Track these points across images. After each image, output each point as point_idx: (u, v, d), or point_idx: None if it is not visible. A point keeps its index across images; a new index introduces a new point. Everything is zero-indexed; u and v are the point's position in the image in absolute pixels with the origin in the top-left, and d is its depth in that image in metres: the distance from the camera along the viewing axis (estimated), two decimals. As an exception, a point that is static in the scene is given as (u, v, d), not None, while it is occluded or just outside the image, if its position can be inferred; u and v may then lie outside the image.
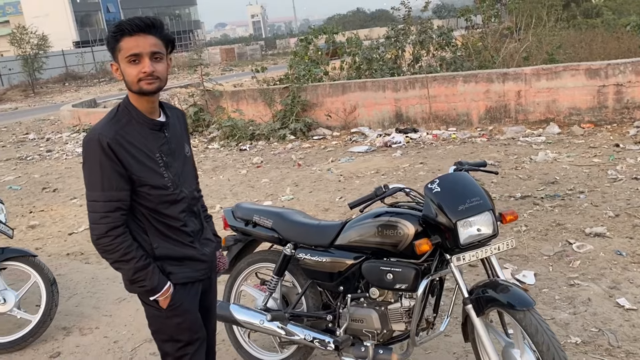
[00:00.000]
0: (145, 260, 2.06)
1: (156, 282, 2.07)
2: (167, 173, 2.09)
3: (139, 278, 2.05)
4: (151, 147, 2.06)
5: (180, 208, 2.14)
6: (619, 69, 7.88)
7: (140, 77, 1.97)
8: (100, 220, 2.00)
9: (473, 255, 2.38)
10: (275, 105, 10.59)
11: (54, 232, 6.38)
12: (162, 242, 2.13)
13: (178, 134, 2.21)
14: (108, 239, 2.00)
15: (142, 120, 2.06)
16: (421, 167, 7.14)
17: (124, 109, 2.06)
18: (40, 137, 14.18)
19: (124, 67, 1.98)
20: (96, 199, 2.00)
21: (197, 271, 2.23)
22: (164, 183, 2.08)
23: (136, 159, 2.01)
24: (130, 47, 1.96)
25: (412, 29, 11.82)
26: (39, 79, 35.19)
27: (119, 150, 1.97)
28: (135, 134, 2.03)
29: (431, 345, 3.21)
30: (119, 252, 2.01)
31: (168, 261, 2.15)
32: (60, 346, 3.79)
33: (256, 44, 59.35)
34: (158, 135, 2.10)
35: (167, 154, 2.11)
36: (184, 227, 2.17)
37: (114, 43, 1.98)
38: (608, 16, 17.31)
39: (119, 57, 1.98)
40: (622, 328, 3.21)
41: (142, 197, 2.06)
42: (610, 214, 4.85)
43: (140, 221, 2.11)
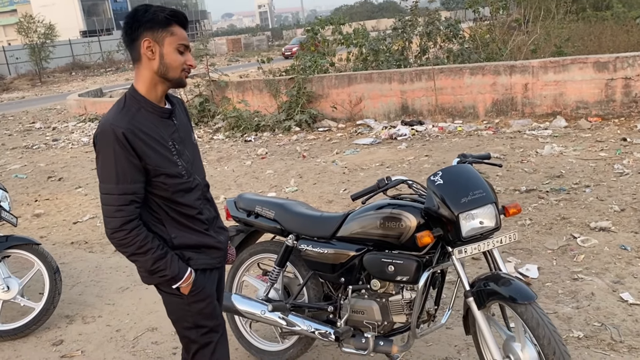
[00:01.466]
0: (162, 249, 2.03)
1: (177, 270, 2.05)
2: (180, 161, 2.06)
3: (159, 268, 2.02)
4: (163, 135, 2.03)
5: (195, 196, 2.12)
6: (628, 62, 7.79)
7: (184, 68, 2.00)
8: (114, 213, 1.95)
9: (475, 248, 2.36)
10: (280, 96, 10.56)
11: (59, 221, 6.41)
12: (179, 231, 2.10)
13: (184, 122, 2.19)
14: (123, 232, 1.96)
15: (151, 109, 2.02)
16: (426, 160, 7.11)
17: (131, 98, 2.01)
18: (47, 126, 14.23)
19: (171, 52, 1.97)
20: (110, 191, 1.95)
21: (214, 258, 2.22)
22: (179, 171, 2.05)
23: (151, 147, 1.97)
24: (183, 37, 1.99)
25: (419, 21, 11.74)
26: (45, 68, 35.31)
27: (133, 140, 1.92)
28: (146, 123, 1.99)
29: (432, 338, 3.21)
30: (134, 245, 1.98)
31: (186, 249, 2.13)
32: (63, 334, 3.82)
33: (263, 35, 59.21)
34: (168, 123, 2.07)
35: (178, 142, 2.08)
36: (200, 215, 2.15)
37: (164, 24, 1.95)
38: (618, 9, 17.10)
39: (166, 40, 1.96)
40: (625, 323, 3.19)
41: (157, 187, 2.02)
42: (616, 209, 4.81)
43: (156, 212, 2.08)
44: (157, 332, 3.68)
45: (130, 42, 1.98)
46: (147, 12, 1.96)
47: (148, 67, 1.98)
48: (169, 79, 2.00)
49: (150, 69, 1.98)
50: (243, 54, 44.01)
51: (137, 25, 1.95)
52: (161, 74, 1.98)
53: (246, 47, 51.22)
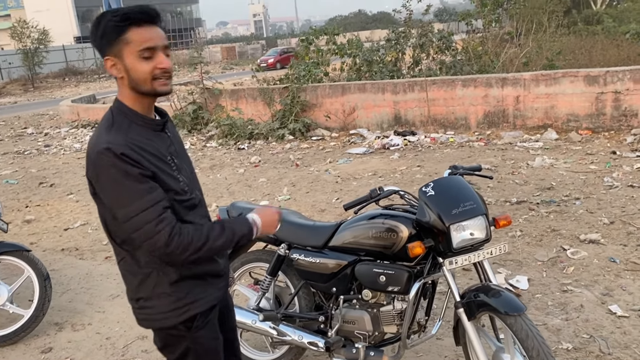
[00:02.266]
0: (216, 227, 1.81)
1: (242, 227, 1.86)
2: (181, 176, 1.85)
3: (227, 240, 1.81)
4: (161, 150, 1.81)
5: (200, 213, 1.91)
6: (618, 77, 7.89)
7: (155, 75, 1.71)
8: (156, 228, 1.69)
9: (465, 259, 2.38)
10: (274, 104, 10.59)
11: (50, 227, 6.37)
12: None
13: (176, 135, 1.99)
14: (176, 239, 1.71)
15: (142, 122, 1.79)
16: (418, 170, 7.15)
17: (119, 113, 1.78)
18: (39, 132, 14.17)
19: (134, 62, 1.69)
20: (140, 209, 1.68)
21: (218, 290, 1.98)
22: (181, 187, 1.83)
23: (151, 163, 1.74)
24: (143, 40, 1.68)
25: (412, 32, 11.84)
26: (38, 73, 35.18)
27: (135, 157, 1.69)
28: (141, 139, 1.75)
29: (422, 349, 3.22)
30: (193, 244, 1.73)
31: (192, 281, 1.86)
32: (52, 341, 3.79)
33: (257, 43, 59.33)
34: (162, 137, 1.85)
35: (176, 156, 1.87)
36: None
37: (117, 34, 1.68)
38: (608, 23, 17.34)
39: (124, 51, 1.69)
40: (613, 335, 3.22)
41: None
42: (605, 221, 4.86)
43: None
44: (148, 340, 3.66)
45: (103, 58, 1.77)
46: (99, 24, 1.71)
47: (122, 84, 1.76)
48: (143, 91, 1.75)
49: (125, 85, 1.76)
50: (237, 62, 44.07)
51: (97, 44, 1.73)
52: (135, 90, 1.75)
53: (240, 55, 51.35)
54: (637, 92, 7.79)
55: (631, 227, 4.68)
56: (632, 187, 5.67)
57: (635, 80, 7.78)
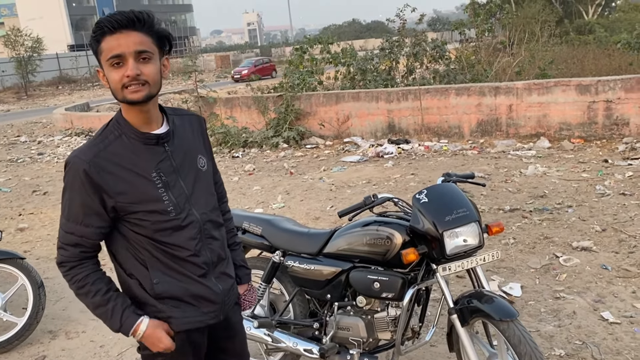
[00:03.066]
0: (104, 295, 1.76)
1: (118, 323, 1.77)
2: (167, 195, 1.76)
3: (100, 315, 1.79)
4: (145, 166, 1.74)
5: (188, 235, 1.80)
6: (609, 86, 7.98)
7: (124, 83, 1.65)
8: (59, 248, 1.79)
9: (459, 265, 2.40)
10: (268, 113, 10.63)
11: (43, 235, 6.35)
12: (164, 276, 1.79)
13: (188, 146, 1.87)
14: (63, 269, 1.78)
15: (133, 135, 1.74)
16: (412, 178, 7.19)
17: (114, 123, 1.77)
18: (32, 140, 14.13)
19: (108, 72, 1.67)
20: (61, 225, 1.78)
21: (204, 314, 1.86)
22: (163, 207, 1.75)
23: (124, 180, 1.71)
24: (111, 48, 1.64)
25: (406, 41, 11.92)
26: (32, 81, 35.14)
27: (97, 175, 1.68)
28: (123, 152, 1.72)
29: (416, 355, 3.23)
30: (75, 284, 1.77)
31: (170, 301, 1.81)
32: (45, 349, 3.78)
33: (251, 52, 59.51)
34: (155, 151, 1.77)
35: (167, 172, 1.77)
36: (194, 258, 1.82)
37: (95, 45, 1.68)
38: (600, 33, 17.55)
39: (101, 60, 1.68)
40: (605, 341, 3.24)
41: (135, 224, 1.75)
42: (597, 229, 4.90)
43: (138, 251, 1.79)
44: (142, 348, 3.65)
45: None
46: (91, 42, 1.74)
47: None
48: (121, 101, 1.72)
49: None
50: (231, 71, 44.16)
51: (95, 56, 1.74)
52: (116, 99, 1.72)
53: (235, 64, 51.39)
54: (629, 101, 7.88)
55: (623, 235, 4.72)
56: (623, 195, 5.72)
57: (626, 89, 7.87)
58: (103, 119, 14.18)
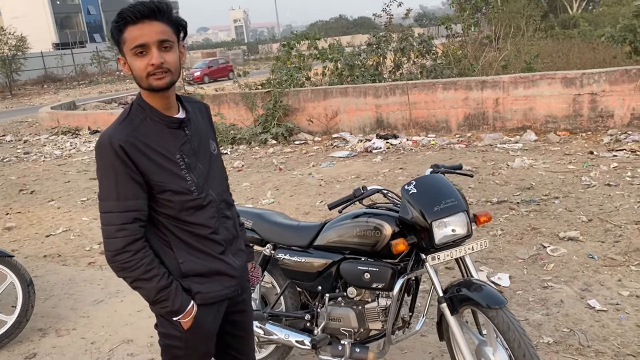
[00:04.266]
0: (167, 278, 1.84)
1: (179, 303, 1.85)
2: (189, 176, 1.87)
3: (162, 298, 1.83)
4: (170, 148, 1.85)
5: (208, 214, 1.92)
6: (594, 79, 8.07)
7: (149, 71, 1.75)
8: (116, 233, 1.77)
9: (447, 254, 2.43)
10: (257, 109, 10.61)
11: (31, 234, 6.31)
12: (188, 255, 1.90)
13: (202, 131, 1.99)
14: (127, 254, 1.78)
15: (157, 118, 1.84)
16: (400, 172, 7.22)
17: (137, 107, 1.85)
18: (18, 139, 13.99)
19: (131, 60, 1.77)
20: (111, 209, 1.77)
21: (226, 288, 1.99)
22: (187, 187, 1.85)
23: (154, 161, 1.80)
24: (135, 37, 1.73)
25: (393, 37, 11.95)
26: (16, 80, 34.73)
27: (133, 153, 1.75)
28: (151, 134, 1.82)
29: (407, 345, 3.26)
30: (139, 269, 1.79)
31: (195, 278, 1.92)
32: (36, 347, 3.76)
33: (238, 49, 59.25)
34: (177, 134, 1.88)
35: (188, 155, 1.89)
36: (214, 235, 1.94)
37: (117, 35, 1.76)
38: (584, 27, 17.69)
39: (124, 50, 1.77)
40: (592, 328, 3.30)
41: (162, 205, 1.84)
42: (584, 219, 4.97)
43: (163, 233, 1.89)
44: (133, 344, 3.65)
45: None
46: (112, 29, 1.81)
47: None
48: (145, 88, 1.81)
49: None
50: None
51: (115, 44, 1.82)
52: (139, 86, 1.82)
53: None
54: (613, 93, 7.98)
55: (608, 225, 4.79)
56: (608, 186, 5.79)
57: (610, 82, 7.96)
58: (89, 117, 14.09)
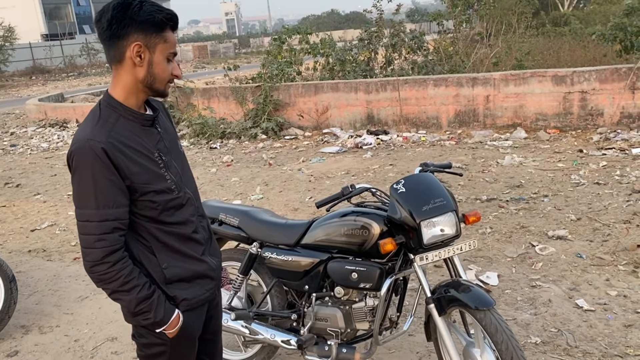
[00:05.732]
0: (149, 288, 1.77)
1: (162, 314, 1.79)
2: (168, 174, 1.82)
3: (143, 310, 1.76)
4: (148, 147, 1.79)
5: (188, 212, 1.89)
6: (584, 77, 8.08)
7: (170, 79, 1.79)
8: (94, 244, 1.69)
9: (436, 255, 2.41)
10: (247, 103, 10.54)
11: (16, 228, 6.22)
12: (171, 259, 1.85)
13: (169, 128, 1.95)
14: (105, 265, 1.70)
15: (131, 117, 1.77)
16: (391, 169, 7.20)
17: (107, 106, 1.76)
18: (4, 131, 13.82)
19: (162, 61, 1.74)
20: (89, 218, 1.68)
21: (207, 291, 1.96)
22: (168, 186, 1.81)
23: (136, 162, 1.73)
24: (173, 43, 1.76)
25: (385, 32, 11.90)
26: (4, 71, 34.36)
27: (115, 156, 1.67)
28: (127, 134, 1.74)
29: (395, 345, 3.24)
30: (118, 280, 1.72)
31: (178, 284, 1.87)
32: (18, 345, 3.70)
33: (229, 42, 58.91)
34: (151, 132, 1.82)
35: (164, 153, 1.84)
36: (195, 234, 1.92)
37: (159, 28, 1.71)
38: (575, 25, 17.71)
39: (158, 47, 1.72)
40: (580, 328, 3.29)
41: (144, 207, 1.78)
42: (572, 218, 4.97)
43: (144, 239, 1.82)
44: (117, 341, 3.60)
45: (113, 38, 1.70)
46: (141, 9, 1.68)
47: (131, 73, 1.73)
48: (153, 89, 1.78)
49: (134, 75, 1.73)
50: (209, 61, 43.65)
51: (128, 23, 1.67)
52: (146, 84, 1.75)
53: (212, 54, 50.87)
54: (603, 91, 7.99)
55: (597, 224, 4.79)
56: (597, 185, 5.80)
57: (601, 80, 7.97)
58: (78, 110, 13.92)
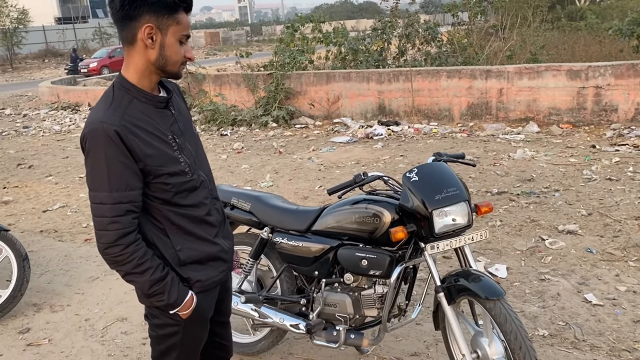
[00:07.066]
0: (162, 270, 1.77)
1: (176, 295, 1.79)
2: (182, 157, 1.81)
3: (156, 291, 1.76)
4: (162, 129, 1.77)
5: (202, 194, 1.88)
6: (599, 72, 8.00)
7: (183, 61, 1.77)
8: (108, 226, 1.68)
9: (447, 244, 2.40)
10: (258, 91, 10.54)
11: (28, 209, 6.28)
12: (185, 241, 1.85)
13: (184, 111, 1.94)
14: (118, 247, 1.69)
15: (144, 99, 1.75)
16: (401, 160, 7.19)
17: (120, 88, 1.74)
18: (17, 113, 13.93)
19: (174, 43, 1.72)
20: (102, 201, 1.67)
21: (220, 272, 1.96)
22: (182, 168, 1.79)
23: (150, 144, 1.71)
24: (186, 25, 1.73)
25: (399, 22, 11.83)
26: (17, 54, 34.54)
27: (129, 139, 1.66)
28: (141, 116, 1.72)
29: (402, 333, 3.25)
30: (131, 262, 1.71)
31: (192, 266, 1.87)
32: (30, 322, 3.75)
33: (242, 30, 58.83)
34: (165, 114, 1.81)
35: (178, 135, 1.82)
36: (209, 217, 1.90)
37: (172, 10, 1.68)
38: (592, 20, 17.52)
39: (170, 29, 1.70)
40: (588, 322, 3.29)
41: (157, 189, 1.76)
42: (583, 213, 4.94)
43: (157, 221, 1.82)
44: (127, 322, 3.65)
45: (125, 19, 1.67)
46: None
47: (143, 55, 1.71)
48: (166, 71, 1.76)
49: (146, 57, 1.71)
50: (221, 48, 43.64)
51: (140, 4, 1.65)
52: (158, 66, 1.73)
53: (224, 41, 50.85)
54: (618, 87, 7.91)
55: (608, 219, 4.77)
56: (610, 180, 5.77)
57: (616, 76, 7.89)
58: (90, 93, 13.98)
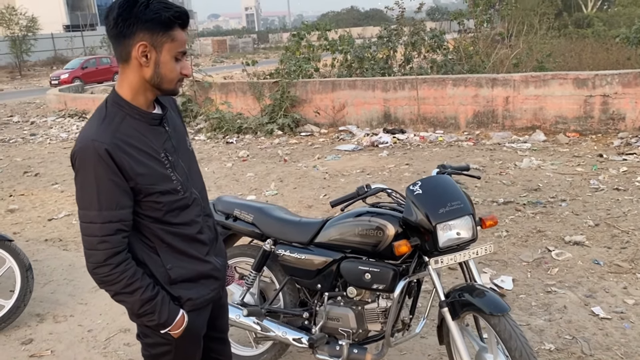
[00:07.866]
0: (152, 290, 1.75)
1: (166, 315, 1.78)
2: (174, 175, 1.78)
3: (147, 311, 1.75)
4: (154, 147, 1.75)
5: (193, 213, 1.86)
6: (607, 80, 7.95)
7: (179, 78, 1.74)
8: (97, 245, 1.67)
9: (451, 258, 2.38)
10: (264, 99, 10.55)
11: (34, 217, 6.30)
12: (176, 260, 1.82)
13: (178, 127, 1.91)
14: (107, 267, 1.68)
15: (138, 116, 1.73)
16: (407, 168, 7.16)
17: (113, 105, 1.72)
18: (25, 120, 14.02)
19: (169, 61, 1.69)
20: (92, 219, 1.66)
21: (212, 291, 1.95)
22: (173, 187, 1.77)
23: (141, 163, 1.69)
24: (183, 42, 1.72)
25: (404, 30, 11.84)
26: (26, 61, 34.84)
27: (119, 157, 1.64)
28: (134, 133, 1.70)
29: (406, 347, 3.22)
30: (121, 282, 1.70)
31: (183, 284, 1.85)
32: (33, 333, 3.74)
33: (248, 37, 59.11)
34: (158, 131, 1.78)
35: (171, 152, 1.80)
36: (200, 235, 1.88)
37: (166, 27, 1.66)
38: (599, 27, 17.50)
39: (165, 46, 1.67)
40: (595, 336, 3.24)
41: (148, 208, 1.74)
42: (590, 223, 4.89)
43: (147, 239, 1.80)
44: (130, 333, 3.63)
45: (119, 37, 1.65)
46: (148, 7, 1.63)
47: (138, 73, 1.69)
48: (162, 89, 1.74)
49: (141, 75, 1.69)
50: (228, 56, 43.83)
51: (134, 22, 1.62)
52: (153, 84, 1.71)
53: (231, 48, 51.10)
54: (625, 96, 7.86)
55: (615, 230, 4.72)
56: (617, 190, 5.71)
57: (623, 84, 7.84)
58: (97, 101, 14.05)
